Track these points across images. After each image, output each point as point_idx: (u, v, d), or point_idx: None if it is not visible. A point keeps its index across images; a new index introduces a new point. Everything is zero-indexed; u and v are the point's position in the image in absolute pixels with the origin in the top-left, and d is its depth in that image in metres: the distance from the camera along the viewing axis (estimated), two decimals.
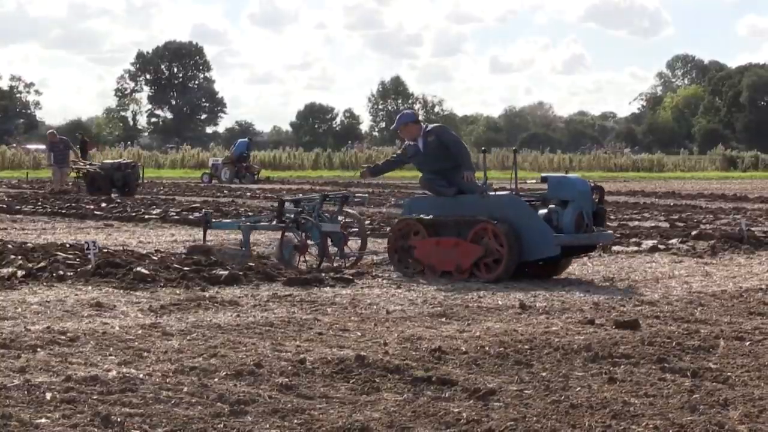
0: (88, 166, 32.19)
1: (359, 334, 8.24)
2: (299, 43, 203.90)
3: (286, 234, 13.12)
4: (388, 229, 14.74)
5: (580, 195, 11.97)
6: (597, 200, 12.24)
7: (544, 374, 6.77)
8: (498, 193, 12.63)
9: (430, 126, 13.01)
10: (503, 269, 11.70)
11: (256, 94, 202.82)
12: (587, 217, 11.92)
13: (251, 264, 12.01)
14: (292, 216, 13.37)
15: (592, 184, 12.38)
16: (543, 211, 11.98)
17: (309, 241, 13.06)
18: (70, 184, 32.84)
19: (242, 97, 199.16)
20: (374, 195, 30.24)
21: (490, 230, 11.83)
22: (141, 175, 32.60)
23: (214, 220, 15.14)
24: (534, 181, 15.19)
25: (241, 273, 11.37)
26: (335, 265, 12.98)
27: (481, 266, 11.86)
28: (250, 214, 19.12)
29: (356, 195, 15.43)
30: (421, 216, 12.38)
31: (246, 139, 48.14)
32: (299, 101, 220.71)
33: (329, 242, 13.14)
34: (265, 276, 11.43)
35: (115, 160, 35.21)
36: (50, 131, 34.25)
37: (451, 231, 12.21)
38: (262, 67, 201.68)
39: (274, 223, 13.83)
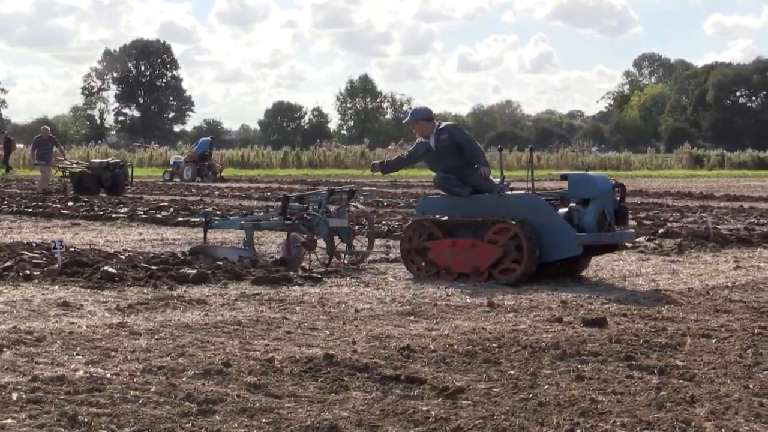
0: (75, 165, 31.91)
1: (328, 332, 8.23)
2: (268, 42, 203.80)
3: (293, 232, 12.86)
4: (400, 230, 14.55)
5: (601, 193, 11.62)
6: (618, 198, 11.89)
7: (512, 372, 6.79)
8: (516, 192, 12.36)
9: (444, 124, 12.71)
10: (523, 270, 11.38)
11: (224, 93, 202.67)
12: (609, 215, 11.60)
13: (220, 263, 11.99)
14: (297, 213, 13.13)
15: (614, 182, 12.01)
16: (563, 210, 11.65)
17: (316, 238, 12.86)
18: (54, 182, 32.52)
19: (210, 95, 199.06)
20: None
21: (508, 230, 11.52)
22: (130, 175, 32.02)
23: (215, 219, 14.92)
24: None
25: (209, 272, 11.33)
26: (345, 262, 12.91)
27: (499, 268, 11.56)
28: (244, 213, 18.91)
29: (363, 190, 15.20)
30: (436, 216, 12.10)
31: (208, 138, 47.92)
32: (268, 100, 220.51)
33: (337, 238, 12.96)
34: (233, 275, 11.41)
35: (104, 160, 34.69)
36: (44, 127, 33.59)
37: (467, 232, 11.89)
38: (230, 65, 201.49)
39: (279, 220, 13.58)
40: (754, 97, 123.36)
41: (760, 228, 18.95)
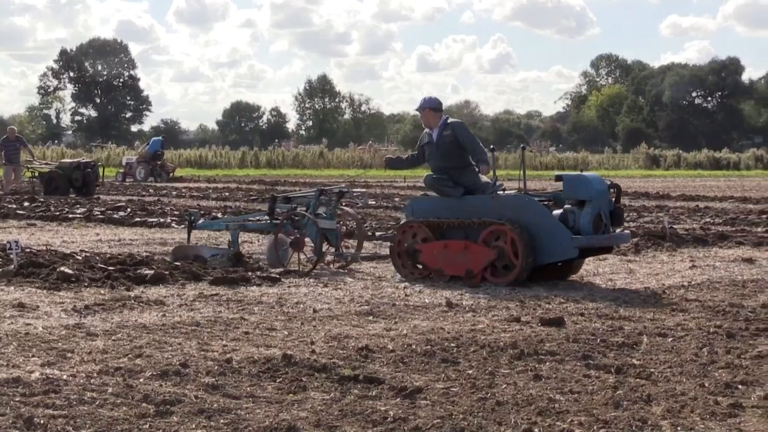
0: (44, 166, 31.52)
1: (286, 333, 8.22)
2: (226, 41, 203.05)
3: (280, 234, 12.71)
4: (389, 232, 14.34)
5: (597, 194, 11.35)
6: (613, 199, 11.64)
7: (470, 372, 6.81)
8: (508, 193, 11.98)
9: (451, 120, 12.43)
10: (518, 272, 11.18)
11: (182, 92, 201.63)
12: (605, 217, 11.37)
13: (177, 264, 11.94)
14: (285, 213, 12.92)
15: (609, 182, 11.76)
16: (558, 212, 11.44)
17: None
18: (24, 183, 32.12)
19: (168, 95, 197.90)
20: None
21: (502, 232, 11.30)
22: (102, 175, 31.45)
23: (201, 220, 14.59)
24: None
25: (166, 272, 11.28)
26: (332, 266, 12.77)
27: (492, 270, 11.36)
28: (230, 213, 18.72)
29: (355, 191, 14.98)
30: (428, 218, 11.88)
31: (159, 137, 47.52)
32: (226, 99, 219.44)
33: (325, 240, 12.74)
34: (191, 275, 11.36)
35: (74, 159, 33.97)
36: (10, 127, 33.00)
37: (459, 233, 11.68)
38: (188, 64, 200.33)
39: (266, 221, 13.34)
40: (709, 98, 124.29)
41: (715, 227, 19.12)
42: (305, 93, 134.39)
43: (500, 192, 11.82)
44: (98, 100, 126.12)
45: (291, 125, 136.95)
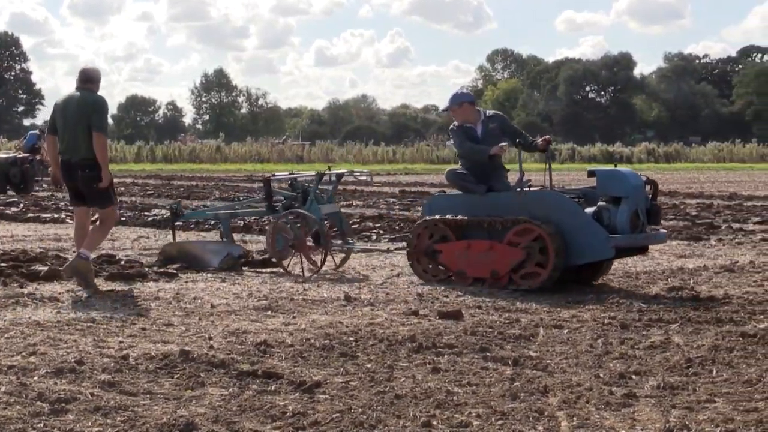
0: None
1: (183, 328, 8.16)
2: (122, 35, 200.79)
3: (280, 222, 11.93)
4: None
5: (633, 190, 10.55)
6: (650, 196, 10.94)
7: (369, 365, 6.82)
8: (536, 189, 11.08)
9: (491, 112, 11.67)
10: (548, 275, 10.44)
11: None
12: (642, 214, 10.61)
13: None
14: (284, 200, 12.30)
15: (645, 178, 10.98)
16: (591, 209, 10.62)
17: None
18: None
19: (63, 88, 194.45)
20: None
21: (532, 232, 10.53)
22: (41, 171, 29.83)
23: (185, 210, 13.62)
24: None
25: (60, 269, 11.11)
26: (338, 258, 12.16)
27: (520, 272, 10.62)
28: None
29: (359, 172, 14.31)
30: (449, 217, 11.12)
31: (36, 131, 46.58)
32: (122, 93, 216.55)
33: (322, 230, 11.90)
34: None
35: (10, 154, 31.88)
36: None
37: (482, 233, 10.95)
38: (83, 58, 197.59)
39: (263, 208, 12.69)
40: (602, 92, 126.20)
41: None
42: (201, 87, 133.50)
43: (527, 189, 10.96)
44: None
45: (187, 119, 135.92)
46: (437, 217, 11.22)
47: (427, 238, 11.25)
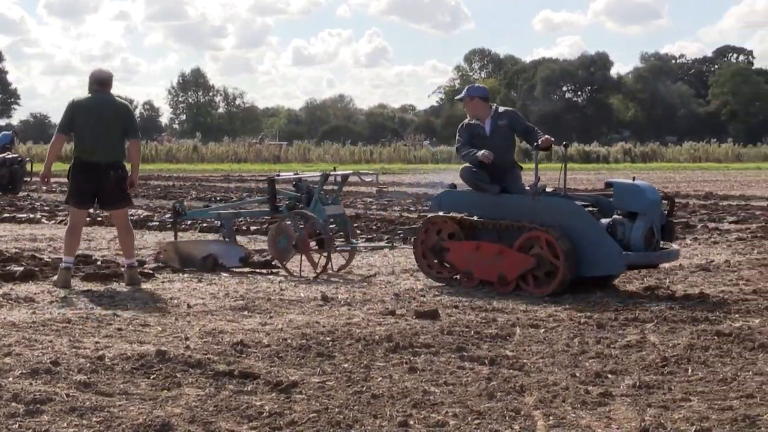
0: None
1: (160, 328, 8.13)
2: (99, 34, 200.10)
3: (283, 222, 11.82)
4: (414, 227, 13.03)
5: (650, 206, 10.30)
6: (666, 212, 10.68)
7: (345, 365, 6.82)
8: (550, 193, 10.76)
9: (502, 108, 11.36)
10: (558, 284, 10.15)
11: (53, 86, 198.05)
12: (657, 231, 10.35)
13: (47, 260, 11.72)
14: (288, 200, 12.15)
15: (662, 194, 10.84)
16: (605, 221, 10.38)
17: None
18: None
19: (39, 88, 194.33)
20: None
21: (544, 240, 10.28)
22: (30, 171, 29.25)
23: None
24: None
25: (36, 269, 11.07)
26: (339, 262, 12.02)
27: (529, 278, 10.37)
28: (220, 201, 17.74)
29: (365, 173, 14.13)
30: (458, 214, 10.90)
31: (9, 132, 46.31)
32: None
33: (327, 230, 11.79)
34: None
35: None
36: None
37: (490, 234, 10.76)
38: (60, 57, 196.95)
39: (267, 208, 12.54)
40: (579, 92, 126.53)
41: None
42: (179, 87, 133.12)
43: (541, 191, 10.67)
44: None
45: (164, 119, 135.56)
46: (453, 214, 10.97)
47: (435, 234, 11.08)
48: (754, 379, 6.48)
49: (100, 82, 10.82)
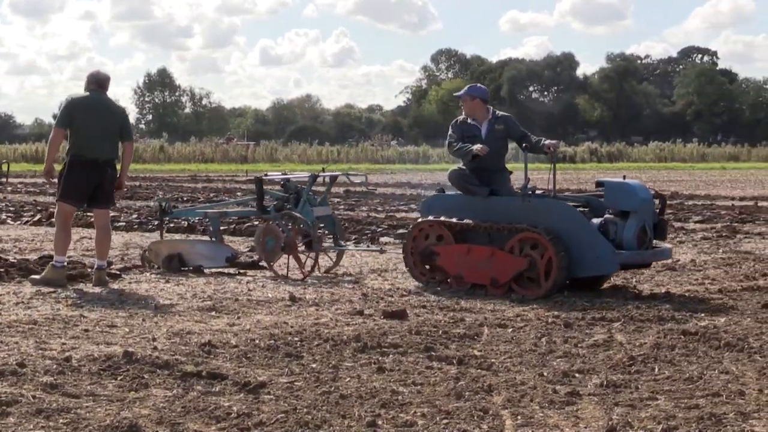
0: None
1: (127, 330, 8.10)
2: (65, 34, 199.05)
3: (270, 222, 11.69)
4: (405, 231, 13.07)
5: (642, 204, 10.29)
6: (658, 211, 10.68)
7: (314, 366, 6.81)
8: (540, 194, 10.72)
9: (500, 113, 11.33)
10: (551, 286, 10.09)
11: (18, 86, 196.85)
12: (649, 230, 10.33)
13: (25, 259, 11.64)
14: (276, 201, 12.06)
15: (653, 192, 10.82)
16: (596, 221, 10.36)
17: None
18: None
19: (3, 88, 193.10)
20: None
21: (535, 241, 10.24)
22: (6, 173, 29.08)
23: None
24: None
25: (1, 270, 11.00)
26: (328, 263, 11.98)
27: (522, 281, 10.30)
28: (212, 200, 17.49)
29: (353, 173, 14.05)
30: (450, 219, 10.81)
31: None
32: (64, 93, 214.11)
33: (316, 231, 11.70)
34: (27, 272, 11.10)
35: None
36: None
37: (481, 237, 10.66)
38: (24, 57, 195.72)
39: (254, 208, 12.40)
40: (546, 92, 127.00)
41: None
42: (145, 86, 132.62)
43: (531, 193, 10.62)
44: None
45: (131, 119, 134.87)
46: (442, 218, 10.89)
47: (425, 238, 10.98)
48: (719, 377, 6.52)
49: (98, 83, 10.99)
